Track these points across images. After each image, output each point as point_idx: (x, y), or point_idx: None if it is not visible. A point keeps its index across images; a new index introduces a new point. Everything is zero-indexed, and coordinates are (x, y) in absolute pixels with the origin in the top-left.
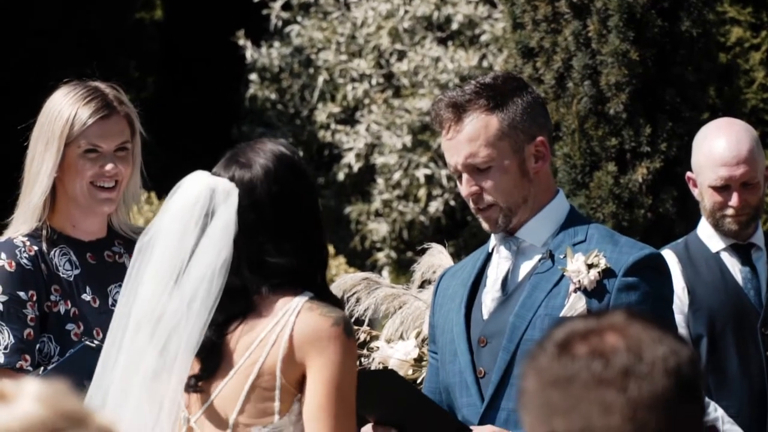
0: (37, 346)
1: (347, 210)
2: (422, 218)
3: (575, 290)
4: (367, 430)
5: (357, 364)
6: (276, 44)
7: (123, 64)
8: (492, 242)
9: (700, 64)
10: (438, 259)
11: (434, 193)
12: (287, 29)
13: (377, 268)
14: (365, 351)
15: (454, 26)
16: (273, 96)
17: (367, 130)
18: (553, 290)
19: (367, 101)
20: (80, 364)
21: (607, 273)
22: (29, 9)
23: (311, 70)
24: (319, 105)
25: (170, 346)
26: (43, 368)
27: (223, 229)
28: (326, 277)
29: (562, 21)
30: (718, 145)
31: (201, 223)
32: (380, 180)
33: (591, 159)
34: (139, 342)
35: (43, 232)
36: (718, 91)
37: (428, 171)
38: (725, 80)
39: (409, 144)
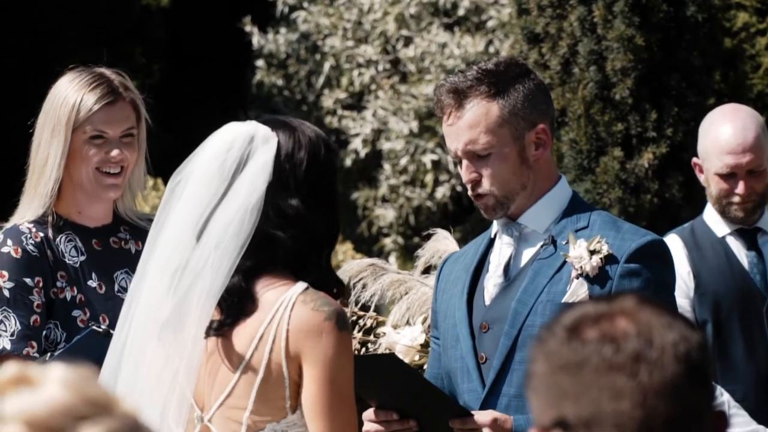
0: (44, 333)
1: (354, 196)
2: (429, 204)
3: (577, 276)
4: (369, 415)
5: (352, 356)
6: (282, 30)
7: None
8: (494, 228)
9: (706, 49)
10: (444, 245)
11: (441, 179)
12: (294, 15)
13: (384, 254)
14: (371, 337)
15: (461, 12)
16: (280, 82)
17: (374, 116)
18: (555, 276)
19: (374, 87)
20: (87, 350)
21: (610, 259)
22: None
23: (318, 56)
24: (326, 91)
25: (194, 290)
26: (50, 354)
27: (260, 170)
28: (331, 258)
29: (568, 6)
30: (724, 133)
31: (236, 165)
32: (387, 166)
33: (597, 144)
34: (160, 288)
35: (49, 219)
36: (724, 76)
37: (435, 156)
38: (731, 65)
39: (416, 129)
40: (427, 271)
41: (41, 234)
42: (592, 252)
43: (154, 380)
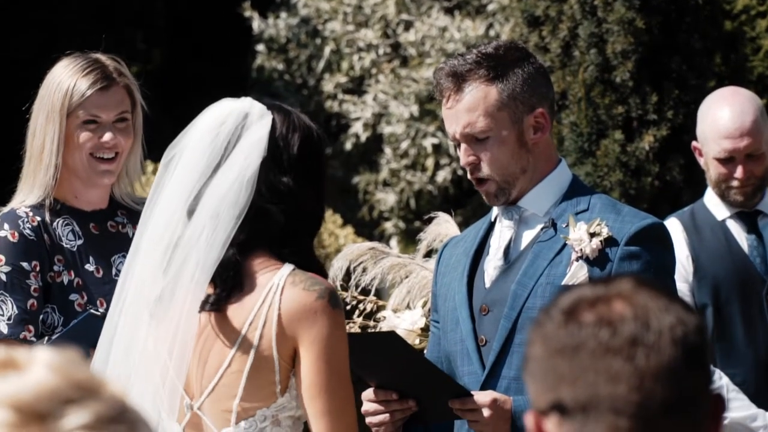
0: (41, 317)
1: (355, 180)
2: (430, 187)
3: (577, 259)
4: (368, 395)
5: (346, 334)
6: (283, 15)
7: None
8: (494, 211)
9: (707, 32)
10: (445, 229)
11: (442, 163)
12: (294, 0)
13: (385, 238)
14: (372, 322)
15: None
16: (280, 66)
17: (375, 100)
18: (555, 259)
19: (374, 71)
20: (85, 333)
21: (610, 242)
22: None
23: (318, 41)
24: (326, 75)
25: (188, 264)
26: (48, 338)
27: (255, 145)
28: (314, 241)
29: None
30: (722, 117)
31: (229, 139)
32: (388, 150)
33: (598, 127)
34: (152, 265)
35: (47, 203)
36: (725, 59)
37: (435, 140)
38: (731, 48)
39: (417, 113)
40: (429, 255)
41: (38, 218)
42: (592, 235)
43: (148, 361)
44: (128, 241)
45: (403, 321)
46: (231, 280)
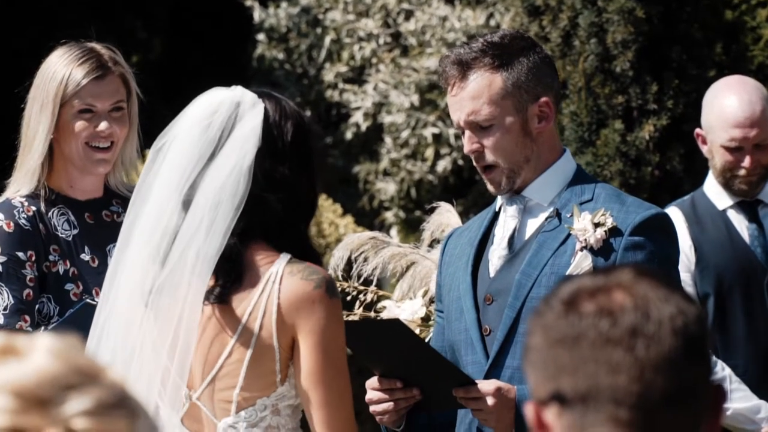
0: (37, 307)
1: (355, 169)
2: (430, 177)
3: (581, 249)
4: (372, 383)
5: (343, 323)
6: (283, 4)
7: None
8: (499, 201)
9: (707, 22)
10: (446, 218)
11: (442, 152)
12: None
13: (385, 228)
14: (372, 312)
15: None
16: (280, 56)
17: (375, 90)
18: (560, 248)
19: (375, 61)
20: (81, 323)
21: (614, 232)
22: None
23: (319, 30)
24: (327, 64)
25: (187, 253)
26: (44, 327)
27: (250, 134)
28: (309, 228)
29: None
30: (731, 105)
31: (222, 128)
32: (388, 139)
33: (598, 117)
34: (144, 254)
35: (41, 193)
36: (725, 49)
37: (436, 130)
38: (732, 37)
39: (417, 103)
40: (431, 245)
41: (33, 208)
42: (597, 225)
43: (146, 354)
44: None
45: (404, 311)
46: (233, 271)
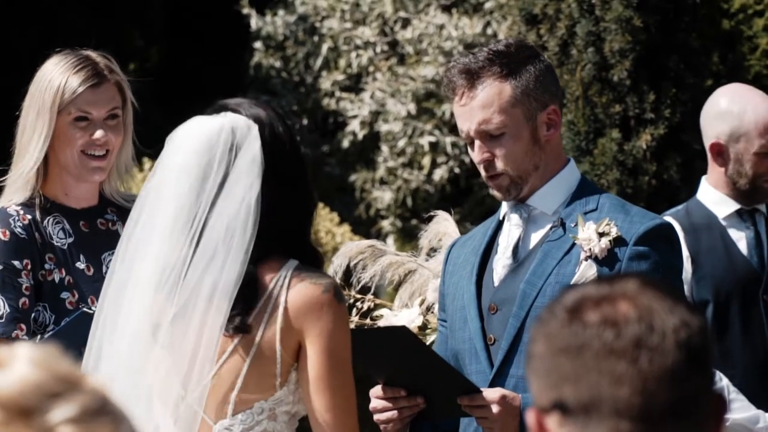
0: (33, 315)
1: (352, 178)
2: (427, 186)
3: (586, 258)
4: (376, 392)
5: (349, 328)
6: (280, 12)
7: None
8: (503, 210)
9: (704, 31)
10: (444, 227)
11: (439, 161)
12: None
13: (382, 236)
14: (368, 320)
15: None
16: (277, 64)
17: (372, 98)
18: (564, 258)
19: (372, 69)
20: (78, 331)
21: (618, 242)
22: None
23: (316, 38)
24: (324, 73)
25: (201, 285)
26: (40, 336)
27: (251, 163)
28: (311, 234)
29: None
30: (764, 112)
31: (225, 161)
32: (385, 147)
33: (595, 126)
34: (148, 289)
35: (37, 201)
36: (722, 58)
37: (433, 138)
38: (729, 47)
39: (414, 111)
40: (429, 254)
41: (29, 216)
42: (601, 234)
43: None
44: (118, 239)
45: (401, 320)
46: (253, 299)
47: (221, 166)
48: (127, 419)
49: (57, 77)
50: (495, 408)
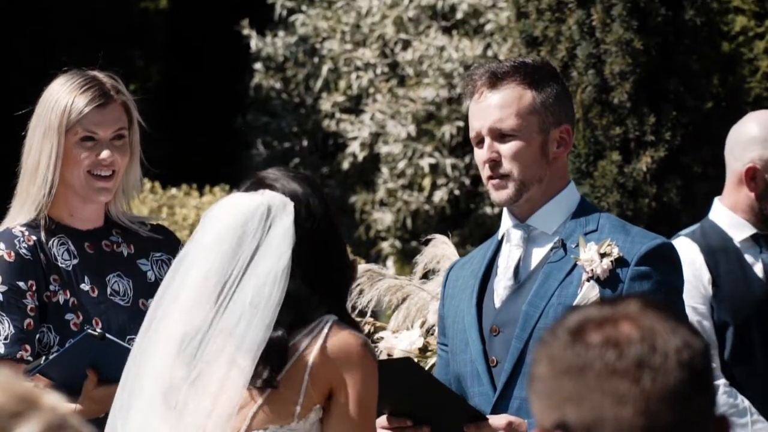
0: (37, 336)
1: (352, 199)
2: (427, 207)
3: (588, 279)
4: (382, 422)
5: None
6: (281, 33)
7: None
8: (501, 231)
9: (704, 53)
10: (441, 250)
11: (439, 183)
12: (292, 18)
13: (381, 258)
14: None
15: (459, 15)
16: (278, 85)
17: (372, 120)
18: (566, 279)
19: (372, 90)
20: (83, 353)
21: (620, 262)
22: None
23: (316, 60)
24: (324, 94)
25: (223, 351)
26: (45, 357)
27: (282, 237)
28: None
29: (566, 10)
30: None
31: (258, 235)
32: (385, 169)
33: (595, 148)
34: (170, 354)
35: (42, 222)
36: (722, 80)
37: (433, 160)
38: (729, 69)
39: (414, 133)
40: (426, 276)
41: (34, 237)
42: (603, 255)
43: None
44: (122, 260)
45: (401, 341)
46: (282, 360)
47: (254, 241)
48: None
49: (63, 97)
50: None
